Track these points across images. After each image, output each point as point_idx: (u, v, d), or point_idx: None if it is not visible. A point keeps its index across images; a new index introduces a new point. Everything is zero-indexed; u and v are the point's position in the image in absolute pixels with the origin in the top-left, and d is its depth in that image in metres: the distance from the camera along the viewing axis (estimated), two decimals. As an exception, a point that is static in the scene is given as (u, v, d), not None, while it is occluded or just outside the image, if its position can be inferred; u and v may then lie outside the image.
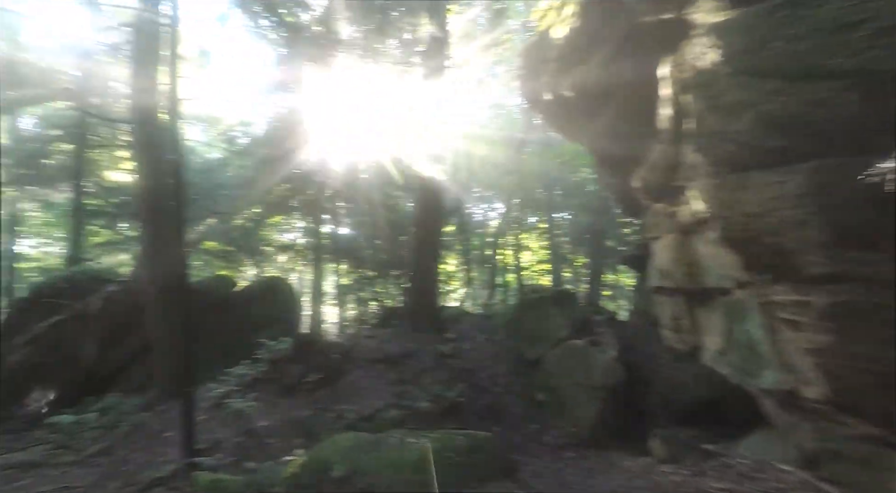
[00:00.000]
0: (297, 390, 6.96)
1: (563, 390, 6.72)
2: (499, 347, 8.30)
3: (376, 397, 6.56)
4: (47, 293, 11.22)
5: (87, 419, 8.62)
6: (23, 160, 15.26)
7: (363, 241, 18.38)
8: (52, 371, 10.68)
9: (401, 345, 7.99)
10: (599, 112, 6.18)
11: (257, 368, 7.81)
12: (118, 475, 5.74)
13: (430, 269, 9.12)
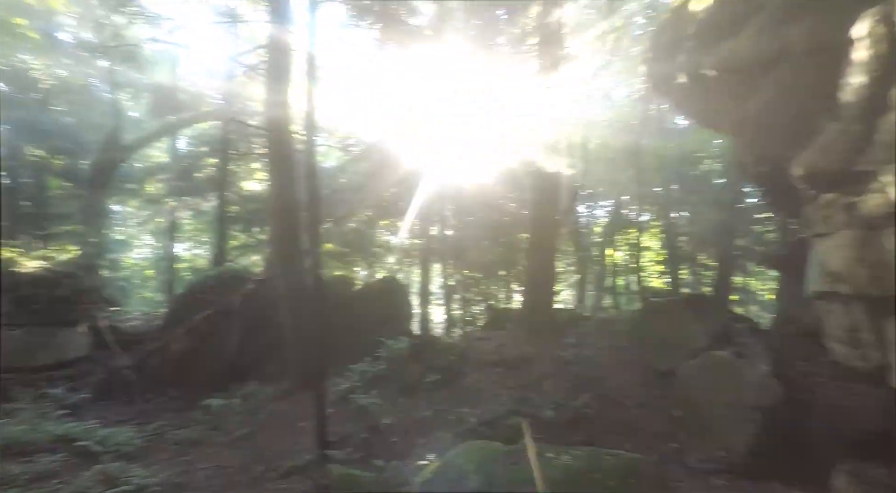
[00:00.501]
0: (416, 390, 7.03)
1: (705, 407, 5.96)
2: (623, 354, 7.67)
3: (496, 401, 6.37)
4: (199, 290, 12.77)
5: (233, 404, 9.59)
6: (179, 175, 17.66)
7: (470, 241, 18.48)
8: (204, 358, 12.13)
9: (518, 348, 7.73)
10: (752, 90, 5.36)
11: (378, 366, 8.05)
12: (261, 460, 6.22)
13: (546, 270, 8.75)
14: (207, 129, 18.50)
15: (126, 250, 23.86)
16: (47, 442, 6.31)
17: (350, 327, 11.79)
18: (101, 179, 14.91)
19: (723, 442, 5.66)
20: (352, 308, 12.14)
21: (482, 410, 6.22)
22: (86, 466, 6.01)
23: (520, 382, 6.84)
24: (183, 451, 6.86)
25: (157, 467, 6.05)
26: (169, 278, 20.44)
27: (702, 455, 5.55)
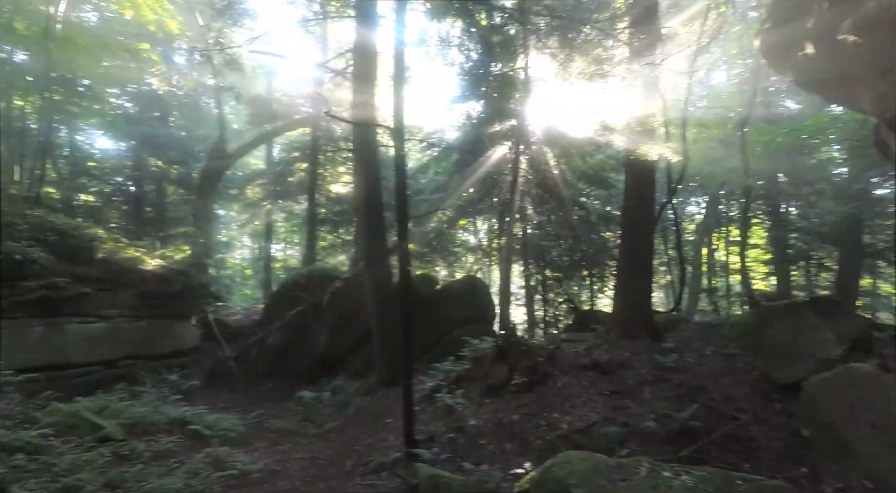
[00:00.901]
0: (502, 392, 6.80)
1: (843, 427, 5.11)
2: (733, 363, 6.87)
3: (589, 408, 5.97)
4: (292, 287, 13.52)
5: (323, 397, 10.01)
6: (273, 180, 18.92)
7: (552, 240, 17.89)
8: (296, 352, 12.82)
9: (611, 352, 7.22)
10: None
11: (462, 365, 7.93)
12: (350, 453, 6.34)
13: (642, 268, 8.10)
14: (299, 135, 19.64)
15: (229, 250, 25.99)
16: (165, 424, 6.91)
17: (431, 325, 11.85)
18: (208, 185, 16.35)
19: (867, 470, 4.81)
20: (433, 307, 12.19)
21: (574, 416, 5.85)
22: (197, 448, 6.50)
23: (614, 387, 6.36)
24: (279, 440, 7.22)
25: (257, 454, 6.39)
26: (266, 277, 22.00)
27: (841, 484, 4.76)
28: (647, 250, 8.24)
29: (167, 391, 9.76)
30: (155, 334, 11.90)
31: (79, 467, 4.74)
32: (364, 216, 9.17)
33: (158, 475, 5.13)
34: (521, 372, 6.90)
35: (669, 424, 5.42)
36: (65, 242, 9.57)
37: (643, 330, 7.76)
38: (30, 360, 8.17)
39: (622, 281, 8.32)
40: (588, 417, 5.77)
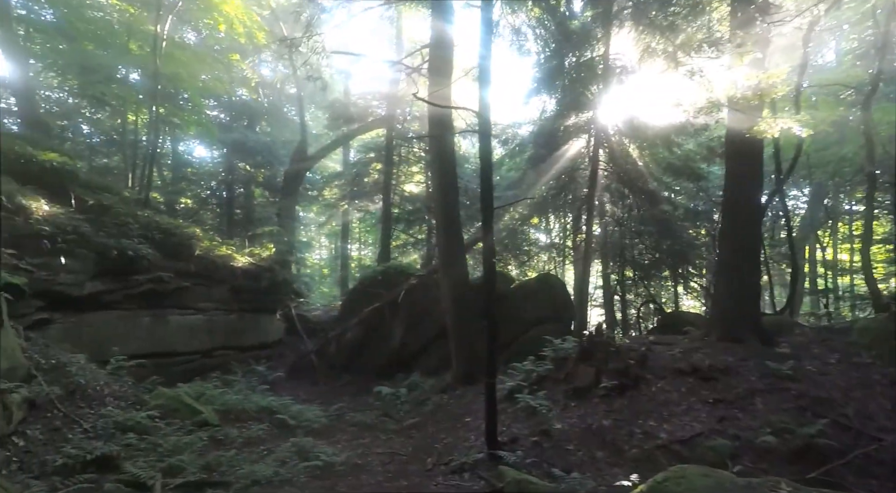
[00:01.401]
0: (589, 395, 6.36)
1: None
2: (868, 374, 5.92)
3: (691, 417, 5.39)
4: (368, 284, 13.79)
5: (400, 393, 10.05)
6: (350, 180, 19.51)
7: (632, 238, 16.88)
8: (372, 347, 13.05)
9: (713, 356, 6.52)
10: None
11: (544, 365, 7.56)
12: (430, 451, 6.21)
13: (748, 263, 7.25)
14: (374, 137, 20.13)
15: (308, 250, 27.28)
16: (255, 412, 7.21)
17: (507, 324, 11.53)
18: (291, 186, 17.18)
19: None
20: (509, 305, 11.86)
21: (674, 425, 5.30)
22: (283, 437, 6.70)
23: (719, 396, 5.70)
24: (360, 433, 7.27)
25: (339, 446, 6.46)
26: (343, 275, 22.81)
27: None
28: (753, 242, 7.37)
29: (255, 381, 10.28)
30: (244, 326, 12.64)
31: (180, 449, 5.00)
32: (440, 212, 9.07)
33: (250, 462, 5.30)
34: (609, 375, 6.42)
35: (791, 440, 4.73)
36: (168, 240, 10.38)
37: (749, 333, 6.94)
38: (139, 347, 8.93)
39: (724, 278, 7.50)
40: (690, 427, 5.20)
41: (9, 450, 4.35)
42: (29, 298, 7.09)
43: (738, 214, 7.34)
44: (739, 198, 7.36)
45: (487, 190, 4.84)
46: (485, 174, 4.86)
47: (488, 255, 5.04)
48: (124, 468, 4.38)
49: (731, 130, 7.40)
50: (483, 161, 4.93)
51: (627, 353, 6.78)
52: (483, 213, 4.79)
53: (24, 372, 5.14)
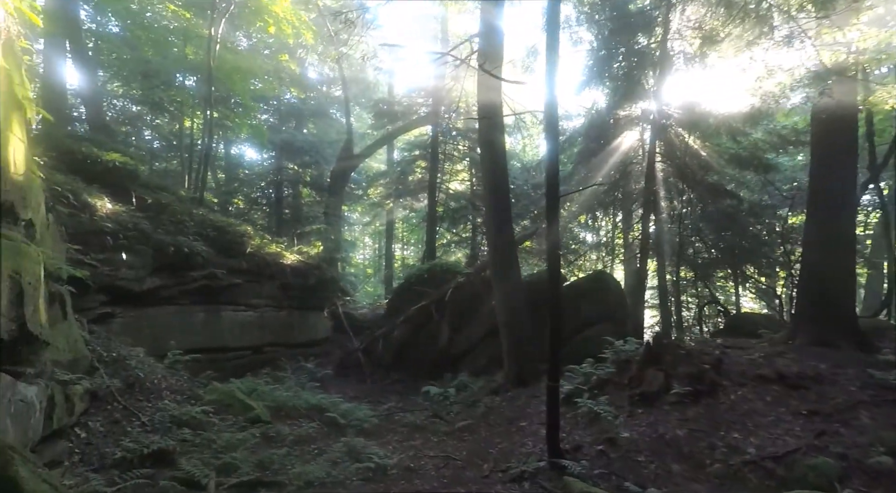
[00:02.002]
0: (657, 401, 5.84)
1: None
2: None
3: (782, 431, 4.80)
4: (415, 283, 13.62)
5: (449, 393, 9.78)
6: (395, 179, 19.50)
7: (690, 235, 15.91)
8: (419, 346, 12.85)
9: (800, 362, 5.85)
10: None
11: (604, 368, 7.08)
12: (485, 456, 5.89)
13: (841, 259, 6.49)
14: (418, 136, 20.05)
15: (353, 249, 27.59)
16: (305, 410, 7.12)
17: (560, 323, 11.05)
18: (337, 185, 17.32)
19: None
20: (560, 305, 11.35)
21: (762, 439, 4.73)
22: (334, 436, 6.57)
23: (813, 407, 5.06)
24: (410, 434, 7.05)
25: (390, 447, 6.24)
26: (388, 274, 22.87)
27: None
28: (846, 235, 6.58)
29: (304, 378, 10.30)
30: (293, 323, 12.76)
31: (233, 445, 4.92)
32: (490, 204, 8.73)
33: (302, 461, 5.16)
34: (680, 380, 5.87)
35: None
36: (221, 238, 10.58)
37: (843, 337, 6.19)
38: (193, 342, 9.09)
39: (810, 276, 6.75)
40: (783, 441, 4.61)
41: (71, 441, 4.37)
42: (93, 292, 7.31)
43: (828, 204, 6.57)
44: (829, 185, 6.58)
45: (553, 175, 4.46)
46: (551, 159, 4.48)
47: (553, 247, 4.67)
48: (179, 463, 4.32)
49: (821, 109, 6.61)
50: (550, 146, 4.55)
51: (699, 356, 6.20)
52: (548, 200, 4.41)
53: (87, 364, 5.21)
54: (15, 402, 3.09)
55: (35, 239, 3.49)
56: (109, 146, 10.17)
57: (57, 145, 8.79)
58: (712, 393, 5.65)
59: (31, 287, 3.13)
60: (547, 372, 9.09)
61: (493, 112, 8.59)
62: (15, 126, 3.10)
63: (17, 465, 1.89)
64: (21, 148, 3.21)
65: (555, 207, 4.47)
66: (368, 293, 24.78)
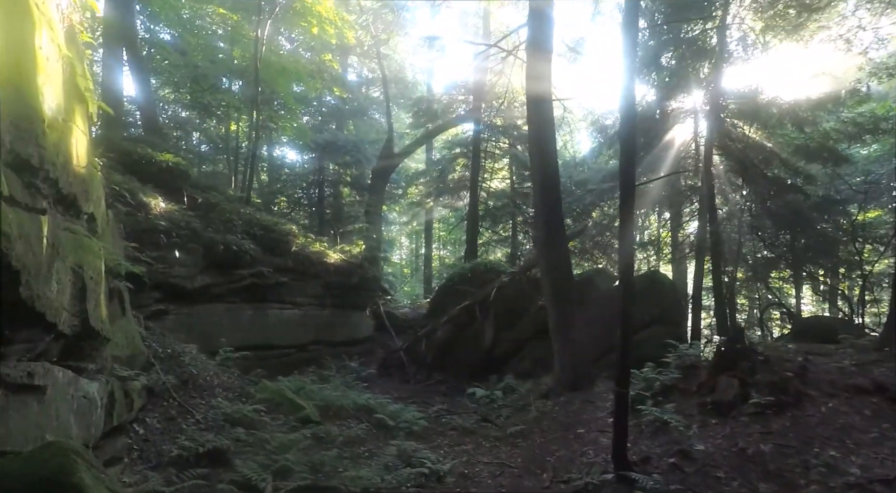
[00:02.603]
0: (733, 412, 5.36)
1: None
2: None
3: (889, 450, 4.25)
4: (458, 282, 13.39)
5: (495, 396, 9.48)
6: (436, 177, 19.35)
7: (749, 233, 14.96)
8: (462, 346, 12.59)
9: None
10: None
11: (668, 374, 6.62)
12: (542, 464, 5.56)
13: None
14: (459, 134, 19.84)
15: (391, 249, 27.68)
16: (353, 410, 7.00)
17: (609, 326, 10.54)
18: (378, 183, 17.31)
19: None
20: (611, 305, 10.84)
21: (865, 458, 4.21)
22: (383, 437, 6.40)
23: (922, 424, 4.48)
24: (460, 439, 6.80)
25: (442, 452, 6.01)
26: (426, 273, 22.77)
27: None
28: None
29: (349, 377, 10.23)
30: (336, 322, 12.77)
31: (286, 446, 4.81)
32: (540, 201, 8.37)
33: (354, 464, 5.01)
34: (759, 389, 5.36)
35: None
36: (267, 236, 10.66)
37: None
38: (242, 339, 9.16)
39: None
40: (892, 463, 4.08)
41: (130, 437, 4.36)
42: (148, 290, 7.44)
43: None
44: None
45: (629, 162, 4.10)
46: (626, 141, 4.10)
47: (626, 243, 4.30)
48: (235, 464, 4.23)
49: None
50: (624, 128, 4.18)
51: (780, 363, 5.66)
52: (622, 191, 4.06)
53: (144, 360, 5.23)
54: (77, 398, 3.03)
55: (96, 233, 3.45)
56: (163, 148, 10.44)
57: (115, 147, 9.06)
58: (798, 404, 5.12)
59: (92, 282, 3.06)
60: (602, 376, 8.70)
61: (543, 104, 8.23)
62: (78, 118, 3.04)
63: (80, 471, 1.76)
64: (84, 140, 3.16)
65: (629, 199, 4.10)
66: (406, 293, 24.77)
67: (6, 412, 2.19)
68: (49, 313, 2.40)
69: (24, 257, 1.98)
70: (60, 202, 2.83)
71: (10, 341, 2.26)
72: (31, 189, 2.25)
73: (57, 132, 2.61)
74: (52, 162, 2.43)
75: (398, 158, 18.08)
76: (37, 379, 2.41)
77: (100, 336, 3.23)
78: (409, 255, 33.98)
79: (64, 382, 2.85)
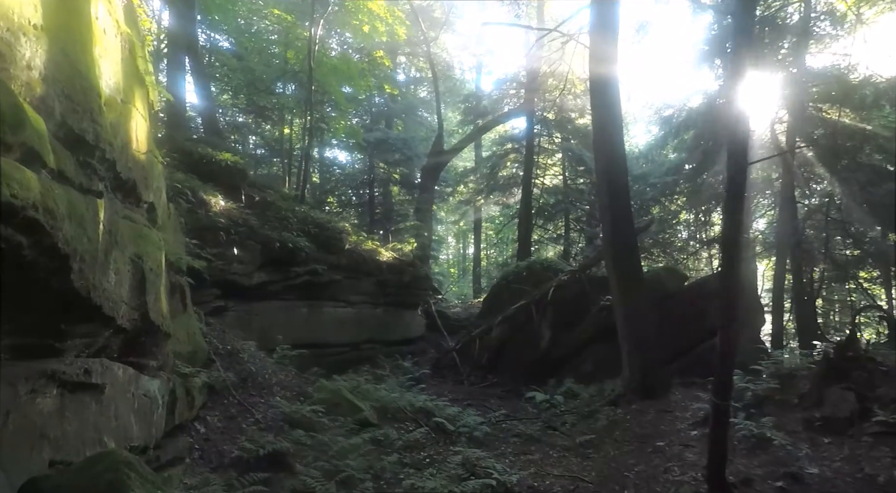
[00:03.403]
0: (849, 430, 4.62)
1: None
2: None
3: None
4: (513, 280, 12.90)
5: (556, 401, 8.94)
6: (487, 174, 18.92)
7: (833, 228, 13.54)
8: (519, 348, 12.08)
9: None
10: None
11: (762, 383, 5.89)
12: (620, 480, 5.04)
13: None
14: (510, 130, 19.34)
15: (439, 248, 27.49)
16: (411, 412, 6.71)
17: (680, 328, 9.75)
18: (428, 182, 17.11)
19: None
20: (682, 306, 10.03)
21: None
22: (443, 443, 6.08)
23: None
24: (524, 446, 6.36)
25: (507, 462, 5.60)
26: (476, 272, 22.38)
27: None
28: None
29: (403, 378, 10.01)
30: (389, 321, 12.62)
31: (346, 451, 4.56)
32: (606, 188, 7.77)
33: (416, 472, 4.70)
34: (883, 404, 4.60)
35: None
36: (321, 234, 10.62)
37: None
38: (297, 337, 9.11)
39: None
40: None
41: (191, 436, 4.24)
42: (208, 286, 7.50)
43: None
44: None
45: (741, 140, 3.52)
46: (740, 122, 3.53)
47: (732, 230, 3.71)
48: (296, 469, 4.02)
49: None
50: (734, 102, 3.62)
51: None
52: (729, 171, 3.50)
53: (205, 357, 5.16)
54: (138, 396, 2.87)
55: (157, 225, 3.30)
56: (222, 147, 10.64)
57: (177, 147, 9.28)
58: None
59: (152, 274, 2.89)
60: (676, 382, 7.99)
61: (609, 88, 7.64)
62: (137, 101, 2.88)
63: (133, 488, 1.52)
64: (144, 126, 3.00)
65: (740, 180, 3.53)
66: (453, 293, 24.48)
67: (62, 413, 2.00)
68: (107, 305, 2.20)
69: (76, 242, 1.77)
70: (119, 189, 2.66)
71: (66, 335, 2.07)
72: (87, 169, 2.06)
73: (115, 112, 2.43)
74: (110, 142, 2.24)
75: (448, 155, 17.80)
76: (94, 377, 2.22)
77: (160, 331, 3.07)
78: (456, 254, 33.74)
79: (124, 380, 2.68)
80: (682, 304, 10.08)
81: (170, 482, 3.35)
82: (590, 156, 16.46)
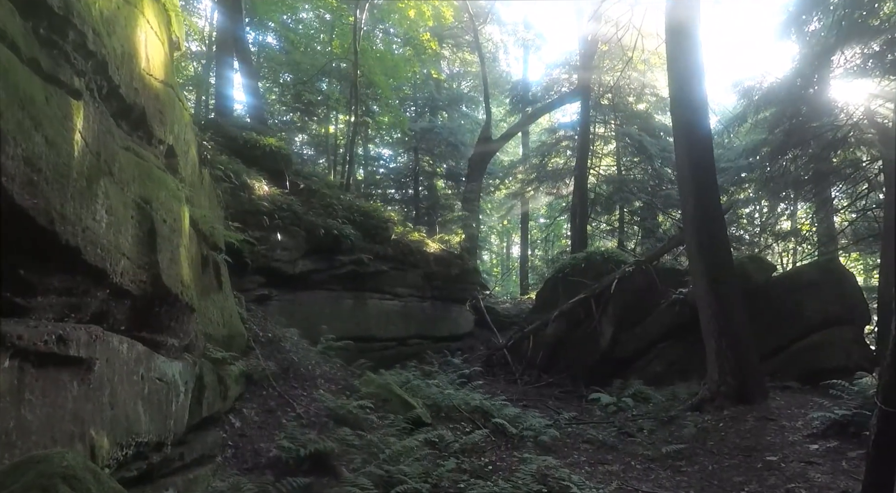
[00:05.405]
0: None
1: None
2: None
3: None
4: (569, 273, 11.97)
5: (624, 404, 8.02)
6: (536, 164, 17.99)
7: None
8: (577, 345, 11.13)
9: None
10: None
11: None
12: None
13: None
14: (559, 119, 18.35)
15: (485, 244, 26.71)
16: (466, 411, 6.02)
17: (768, 325, 8.53)
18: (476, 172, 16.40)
19: None
20: (770, 300, 8.80)
21: None
22: (505, 447, 5.35)
23: None
24: (600, 454, 5.52)
25: (583, 472, 4.78)
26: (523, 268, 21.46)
27: None
28: None
29: (453, 374, 9.36)
30: (436, 315, 11.99)
31: (399, 455, 3.90)
32: (688, 162, 6.77)
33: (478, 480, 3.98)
34: None
35: None
36: (367, 223, 10.14)
37: None
38: (342, 329, 8.59)
39: None
40: None
41: (225, 431, 3.72)
42: (251, 273, 7.12)
43: None
44: None
45: None
46: None
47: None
48: (342, 473, 3.40)
49: None
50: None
51: None
52: None
53: (243, 343, 4.66)
54: (150, 380, 2.30)
55: (177, 175, 2.74)
56: (267, 133, 10.37)
57: (222, 132, 9.04)
58: None
59: (166, 227, 2.32)
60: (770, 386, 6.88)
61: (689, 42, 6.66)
62: (150, 13, 2.30)
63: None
64: (159, 49, 2.44)
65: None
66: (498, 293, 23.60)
67: (20, 395, 1.41)
68: (91, 251, 1.62)
69: (20, 135, 1.18)
70: (123, 116, 2.11)
71: (33, 288, 1.49)
72: (51, 49, 1.49)
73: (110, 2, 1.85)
74: (95, 29, 1.67)
75: (497, 143, 17.04)
76: (75, 348, 1.64)
77: (180, 302, 2.50)
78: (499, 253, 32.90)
79: (129, 357, 2.10)
80: (772, 298, 8.84)
81: (195, 484, 2.79)
82: (651, 140, 15.25)
